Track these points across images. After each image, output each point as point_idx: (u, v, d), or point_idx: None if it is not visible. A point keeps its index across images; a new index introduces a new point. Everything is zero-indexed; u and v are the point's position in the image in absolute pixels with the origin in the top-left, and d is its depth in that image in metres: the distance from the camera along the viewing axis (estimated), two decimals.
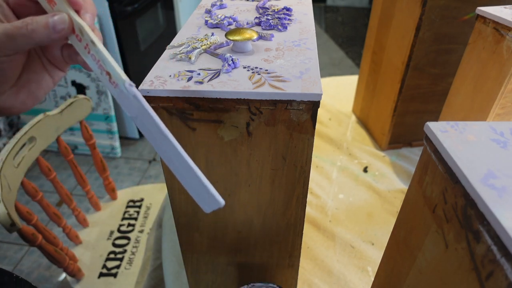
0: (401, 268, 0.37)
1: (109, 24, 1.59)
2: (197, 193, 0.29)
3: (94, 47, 0.28)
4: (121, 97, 0.28)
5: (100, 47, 0.28)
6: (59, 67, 0.35)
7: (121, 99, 0.28)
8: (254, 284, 0.48)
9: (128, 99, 0.28)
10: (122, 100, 0.28)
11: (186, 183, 0.29)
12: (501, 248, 0.22)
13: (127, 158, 1.90)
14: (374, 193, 0.78)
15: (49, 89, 0.35)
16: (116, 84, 0.28)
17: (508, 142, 0.29)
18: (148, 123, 0.28)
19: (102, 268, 0.93)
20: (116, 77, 0.28)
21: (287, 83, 0.36)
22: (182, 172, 0.29)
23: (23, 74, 0.33)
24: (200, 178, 0.28)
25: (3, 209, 0.67)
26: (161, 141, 0.28)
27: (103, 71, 0.28)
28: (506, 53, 0.52)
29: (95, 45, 0.28)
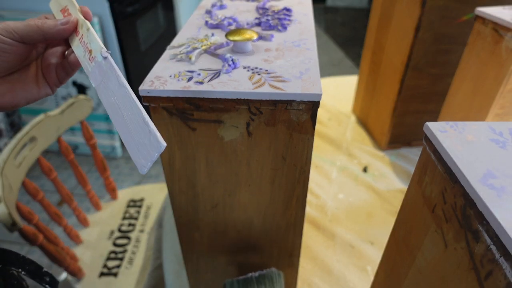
0: (401, 267, 0.37)
1: (110, 24, 1.59)
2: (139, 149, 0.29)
3: (87, 32, 0.33)
4: (94, 70, 0.32)
5: (91, 30, 0.33)
6: (49, 83, 0.37)
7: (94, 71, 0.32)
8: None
9: (101, 69, 0.32)
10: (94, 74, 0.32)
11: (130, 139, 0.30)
12: (500, 247, 0.22)
13: (128, 158, 1.90)
14: (373, 193, 0.78)
15: (31, 99, 0.36)
16: (93, 58, 0.32)
17: (507, 142, 0.29)
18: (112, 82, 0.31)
19: (103, 268, 0.93)
20: (96, 46, 0.33)
21: (287, 83, 0.36)
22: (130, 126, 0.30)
23: (16, 73, 0.35)
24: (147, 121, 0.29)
25: (4, 209, 0.67)
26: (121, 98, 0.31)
27: (86, 51, 0.33)
28: (505, 54, 0.52)
29: (89, 30, 0.33)
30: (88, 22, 0.35)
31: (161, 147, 0.28)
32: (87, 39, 0.33)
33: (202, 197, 0.44)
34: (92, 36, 0.33)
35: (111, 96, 0.31)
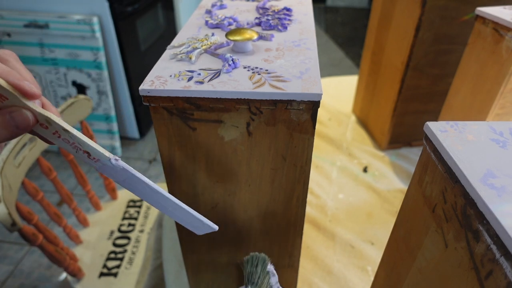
0: (401, 267, 0.37)
1: (110, 24, 1.59)
2: (192, 225, 0.34)
3: (67, 133, 0.28)
4: (104, 169, 0.30)
5: (74, 132, 0.28)
6: None
7: (104, 170, 0.30)
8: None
9: (114, 170, 0.30)
10: (106, 170, 0.30)
11: (182, 220, 0.34)
12: (501, 247, 0.22)
13: (128, 158, 1.90)
14: (373, 193, 0.78)
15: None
16: (97, 160, 0.29)
17: (508, 142, 0.29)
18: (137, 184, 0.31)
19: (103, 268, 0.93)
20: (99, 155, 0.29)
21: (287, 83, 0.36)
22: (177, 213, 0.33)
23: None
24: (193, 214, 0.33)
25: (4, 209, 0.67)
26: (152, 194, 0.32)
27: (79, 150, 0.29)
28: (505, 53, 0.52)
29: (68, 132, 0.28)
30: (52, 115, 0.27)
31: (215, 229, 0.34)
32: (70, 139, 0.28)
33: (202, 197, 0.44)
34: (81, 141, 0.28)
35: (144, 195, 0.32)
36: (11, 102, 0.26)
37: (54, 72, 1.71)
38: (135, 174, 0.30)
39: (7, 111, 0.25)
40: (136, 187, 0.31)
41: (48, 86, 1.76)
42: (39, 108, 0.27)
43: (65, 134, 0.28)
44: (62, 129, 0.28)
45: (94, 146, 0.29)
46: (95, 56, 1.63)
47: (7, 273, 1.35)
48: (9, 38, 1.65)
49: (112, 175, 0.30)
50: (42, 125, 0.27)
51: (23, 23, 1.58)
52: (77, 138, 0.28)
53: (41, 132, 0.28)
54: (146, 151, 1.94)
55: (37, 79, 1.75)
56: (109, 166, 0.30)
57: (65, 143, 0.28)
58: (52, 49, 1.65)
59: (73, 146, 0.29)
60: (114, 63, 1.70)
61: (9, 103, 0.26)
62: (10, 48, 1.67)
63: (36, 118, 0.27)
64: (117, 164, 0.29)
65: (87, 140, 0.28)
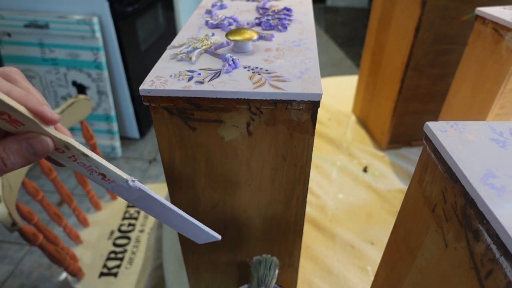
0: (401, 267, 0.37)
1: (110, 24, 1.59)
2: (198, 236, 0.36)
3: (85, 157, 0.27)
4: (117, 189, 0.30)
5: (94, 156, 0.27)
6: None
7: (117, 190, 0.30)
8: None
9: (129, 191, 0.29)
10: (119, 190, 0.30)
11: (188, 233, 0.35)
12: (501, 247, 0.22)
13: (128, 158, 1.90)
14: (373, 193, 0.78)
15: None
16: (112, 181, 0.29)
17: (508, 141, 0.29)
18: (150, 202, 0.31)
19: (103, 268, 0.93)
20: (116, 177, 0.28)
21: (287, 83, 0.36)
22: (185, 227, 0.35)
23: None
24: (202, 228, 0.34)
25: (4, 209, 0.67)
26: (163, 211, 0.32)
27: (93, 172, 0.28)
28: (505, 54, 0.52)
29: (87, 156, 0.27)
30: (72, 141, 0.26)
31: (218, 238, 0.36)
32: (87, 162, 0.27)
33: (202, 197, 0.44)
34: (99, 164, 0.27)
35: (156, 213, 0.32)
36: (28, 128, 0.24)
37: (54, 72, 1.71)
38: (150, 194, 0.30)
39: (23, 137, 0.24)
40: (147, 205, 0.32)
41: (48, 86, 1.76)
42: (58, 134, 0.25)
43: (82, 158, 0.27)
44: (81, 153, 0.27)
45: (112, 169, 0.28)
46: (95, 56, 1.63)
47: (7, 273, 1.35)
48: (9, 38, 1.65)
49: (125, 195, 0.30)
50: (58, 150, 0.26)
51: (23, 23, 1.58)
52: (95, 162, 0.27)
53: (55, 156, 0.27)
54: (146, 151, 1.94)
55: (37, 79, 1.75)
56: (123, 187, 0.29)
57: (80, 166, 0.28)
58: (52, 49, 1.65)
59: (88, 169, 0.28)
60: (114, 63, 1.70)
61: (25, 128, 0.24)
62: (10, 48, 1.67)
63: (54, 144, 0.26)
64: (134, 186, 0.29)
65: (106, 163, 0.28)
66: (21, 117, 0.23)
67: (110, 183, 0.29)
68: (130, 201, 0.31)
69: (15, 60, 1.71)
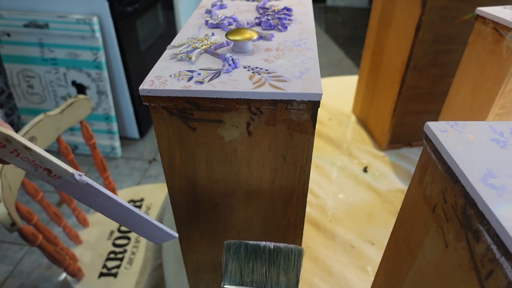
0: (401, 267, 0.37)
1: (110, 24, 1.59)
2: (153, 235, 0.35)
3: (28, 151, 0.26)
4: (64, 186, 0.29)
5: (37, 150, 0.26)
6: None
7: (64, 187, 0.29)
8: None
9: (76, 186, 0.28)
10: (66, 187, 0.29)
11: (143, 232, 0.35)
12: (501, 247, 0.22)
13: (127, 158, 1.90)
14: (374, 193, 0.78)
15: None
16: (58, 177, 0.28)
17: (508, 141, 0.29)
18: (99, 198, 0.30)
19: (102, 268, 0.93)
20: (62, 172, 0.28)
21: (287, 83, 0.36)
22: (139, 225, 0.34)
23: None
24: (156, 224, 0.34)
25: (3, 209, 0.67)
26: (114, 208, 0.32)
27: (38, 168, 0.27)
28: (506, 53, 0.52)
29: (30, 149, 0.26)
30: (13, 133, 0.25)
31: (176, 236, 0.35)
32: (31, 157, 0.26)
33: (202, 197, 0.44)
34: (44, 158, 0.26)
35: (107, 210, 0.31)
36: None
37: (54, 72, 1.71)
38: (99, 189, 0.29)
39: None
40: (97, 202, 0.31)
41: (48, 86, 1.76)
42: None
43: (25, 152, 0.26)
44: (23, 147, 0.25)
45: (58, 163, 0.27)
46: (95, 56, 1.63)
47: (7, 273, 1.35)
48: (9, 38, 1.65)
49: (73, 191, 0.29)
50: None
51: (23, 23, 1.58)
52: (39, 156, 0.26)
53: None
54: (146, 151, 1.94)
55: (37, 79, 1.75)
56: (70, 183, 0.28)
57: (24, 161, 0.26)
58: (52, 49, 1.65)
59: (33, 164, 0.27)
60: (114, 63, 1.70)
61: None
62: (10, 48, 1.67)
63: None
64: (81, 179, 0.28)
65: (50, 157, 0.27)
66: None
67: (56, 179, 0.28)
68: (79, 199, 0.30)
69: (14, 60, 1.71)
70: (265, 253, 0.36)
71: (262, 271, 0.35)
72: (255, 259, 0.35)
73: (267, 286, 0.35)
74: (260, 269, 0.35)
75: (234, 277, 0.35)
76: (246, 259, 0.35)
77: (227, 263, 0.35)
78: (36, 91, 1.78)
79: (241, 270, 0.35)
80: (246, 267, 0.35)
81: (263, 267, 0.35)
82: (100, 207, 0.31)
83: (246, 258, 0.35)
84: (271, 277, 0.35)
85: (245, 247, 0.36)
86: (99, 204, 0.31)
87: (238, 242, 0.36)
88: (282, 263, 0.35)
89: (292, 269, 0.35)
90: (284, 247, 0.36)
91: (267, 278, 0.35)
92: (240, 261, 0.35)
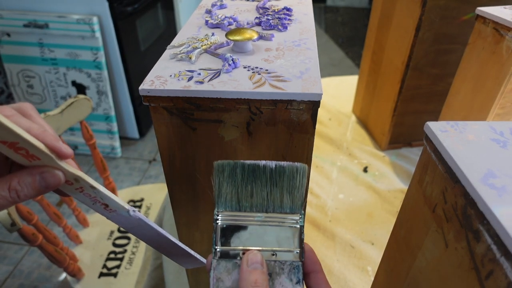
0: (401, 267, 0.37)
1: (109, 24, 1.59)
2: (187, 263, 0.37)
3: (93, 189, 0.28)
4: (115, 218, 0.31)
5: (101, 189, 0.28)
6: None
7: (116, 219, 0.31)
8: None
9: (128, 219, 0.31)
10: (117, 219, 0.31)
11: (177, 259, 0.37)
12: (501, 247, 0.22)
13: (127, 158, 1.90)
14: (374, 193, 0.78)
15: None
16: (114, 211, 0.30)
17: (508, 141, 0.29)
18: (146, 230, 0.32)
19: (102, 268, 0.93)
20: (118, 208, 0.30)
21: (287, 83, 0.36)
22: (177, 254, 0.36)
23: None
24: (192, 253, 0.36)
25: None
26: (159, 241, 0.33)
27: (97, 203, 0.29)
28: (506, 53, 0.52)
29: (95, 188, 0.28)
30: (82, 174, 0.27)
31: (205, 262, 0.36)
32: (93, 194, 0.28)
33: (202, 197, 0.44)
34: (104, 195, 0.28)
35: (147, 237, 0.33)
36: (42, 162, 0.25)
37: (53, 72, 1.71)
38: (149, 224, 0.31)
39: (37, 171, 0.25)
40: (143, 234, 0.33)
41: (48, 86, 1.76)
42: (70, 167, 0.26)
43: (90, 190, 0.28)
44: (89, 186, 0.28)
45: (116, 200, 0.29)
46: (95, 56, 1.63)
47: (7, 273, 1.35)
48: (9, 38, 1.65)
49: (123, 223, 0.31)
50: (67, 182, 0.27)
51: (22, 23, 1.58)
52: (101, 193, 0.28)
53: (63, 188, 0.28)
54: (146, 151, 1.94)
55: (37, 79, 1.75)
56: (123, 216, 0.30)
57: (85, 197, 0.29)
58: (52, 49, 1.65)
59: (93, 199, 0.29)
60: (114, 63, 1.70)
61: (39, 162, 0.25)
62: (10, 48, 1.67)
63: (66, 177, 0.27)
64: (134, 215, 0.30)
65: (110, 194, 0.29)
66: (38, 152, 0.24)
67: (111, 212, 0.30)
68: (126, 228, 0.32)
69: (14, 60, 1.71)
70: (265, 173, 0.31)
71: (263, 194, 0.31)
72: (254, 181, 0.30)
73: (269, 210, 0.31)
74: (260, 192, 0.31)
75: (230, 202, 0.30)
76: (244, 182, 0.30)
77: (221, 187, 0.30)
78: (36, 91, 1.78)
79: (238, 194, 0.30)
80: (244, 191, 0.30)
81: (264, 189, 0.30)
82: (145, 237, 0.33)
83: (244, 181, 0.30)
84: (273, 199, 0.31)
85: (242, 167, 0.30)
86: (145, 235, 0.33)
87: (232, 162, 0.30)
88: (286, 184, 0.31)
89: (298, 190, 0.31)
90: (288, 166, 0.30)
91: (268, 201, 0.31)
92: (237, 184, 0.30)
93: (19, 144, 0.23)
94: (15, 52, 1.68)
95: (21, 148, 0.23)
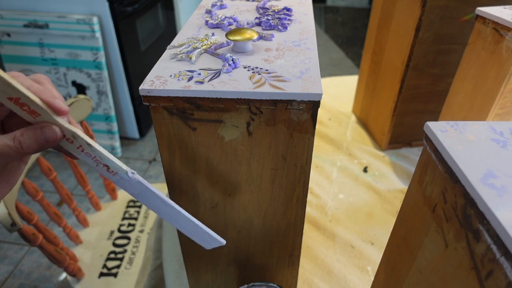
0: (401, 267, 0.37)
1: (110, 24, 1.59)
2: (202, 239, 0.36)
3: (90, 147, 0.30)
4: (121, 182, 0.32)
5: (96, 147, 0.30)
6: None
7: (121, 183, 0.32)
8: (254, 284, 0.48)
9: (130, 183, 0.32)
10: (123, 183, 0.32)
11: (192, 234, 0.36)
12: (501, 247, 0.22)
13: (128, 158, 1.90)
14: (374, 193, 0.78)
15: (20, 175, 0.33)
16: (115, 173, 0.32)
17: (508, 141, 0.29)
18: (151, 197, 0.33)
19: (103, 268, 0.93)
20: (117, 169, 0.31)
21: (287, 83, 0.36)
22: (187, 227, 0.35)
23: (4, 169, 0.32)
24: (203, 228, 0.35)
25: (3, 209, 0.67)
26: (164, 208, 0.34)
27: (99, 163, 0.31)
28: (506, 53, 0.52)
29: (91, 146, 0.30)
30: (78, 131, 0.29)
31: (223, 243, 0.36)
32: (92, 153, 0.30)
33: (202, 197, 0.44)
34: (102, 155, 0.30)
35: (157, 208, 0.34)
36: (43, 118, 0.28)
37: (54, 72, 1.71)
38: (149, 187, 0.32)
39: (38, 126, 0.28)
40: (150, 201, 0.33)
41: None
42: (66, 124, 0.29)
43: (87, 148, 0.30)
44: (85, 143, 0.30)
45: (113, 160, 0.31)
46: (95, 56, 1.63)
47: (7, 273, 1.35)
48: (9, 38, 1.65)
49: (128, 188, 0.32)
50: (68, 140, 0.29)
51: (23, 23, 1.58)
52: (98, 152, 0.30)
53: (66, 146, 0.30)
54: (146, 151, 1.94)
55: None
56: (125, 180, 0.31)
57: (87, 157, 0.30)
58: (52, 49, 1.65)
59: (94, 160, 0.31)
60: (114, 63, 1.70)
61: (40, 119, 0.28)
62: (10, 48, 1.67)
63: (63, 133, 0.29)
64: (133, 177, 0.31)
65: (107, 154, 0.31)
66: (37, 107, 0.27)
67: (114, 175, 0.31)
68: (133, 195, 0.33)
69: (14, 60, 1.71)
70: None
71: None
72: None
73: None
74: None
75: None
76: None
77: None
78: None
79: None
80: None
81: None
82: (153, 206, 0.34)
83: None
84: None
85: None
86: (152, 203, 0.33)
87: None
88: None
89: None
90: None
91: None
92: None
93: (21, 99, 0.26)
94: (15, 52, 1.68)
95: (24, 104, 0.26)
